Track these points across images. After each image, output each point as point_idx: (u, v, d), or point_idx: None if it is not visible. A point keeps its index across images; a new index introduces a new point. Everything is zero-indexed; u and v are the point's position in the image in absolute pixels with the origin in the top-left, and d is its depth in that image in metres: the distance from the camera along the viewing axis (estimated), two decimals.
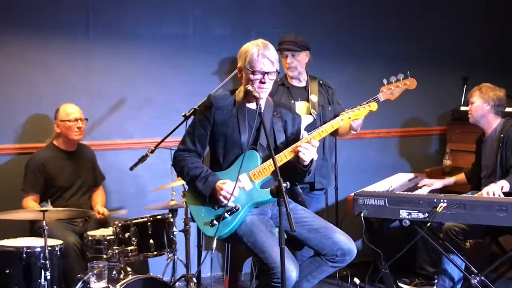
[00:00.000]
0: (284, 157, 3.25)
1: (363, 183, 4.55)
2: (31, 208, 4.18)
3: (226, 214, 3.21)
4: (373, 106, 3.54)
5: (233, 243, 3.62)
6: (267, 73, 3.23)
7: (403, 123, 5.64)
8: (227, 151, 3.32)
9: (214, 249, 3.14)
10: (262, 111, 3.21)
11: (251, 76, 3.24)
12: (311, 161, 3.25)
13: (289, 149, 3.26)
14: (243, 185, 3.26)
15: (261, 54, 3.22)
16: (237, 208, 3.22)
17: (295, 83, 4.45)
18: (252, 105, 3.33)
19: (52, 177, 4.33)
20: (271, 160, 3.12)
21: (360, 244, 4.62)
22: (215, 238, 3.19)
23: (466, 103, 4.79)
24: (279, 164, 3.17)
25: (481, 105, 4.30)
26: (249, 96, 3.26)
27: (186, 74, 4.98)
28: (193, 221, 3.36)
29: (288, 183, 2.90)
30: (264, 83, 3.24)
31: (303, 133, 3.37)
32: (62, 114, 4.37)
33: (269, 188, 2.92)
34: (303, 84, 4.45)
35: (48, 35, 4.64)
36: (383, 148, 5.58)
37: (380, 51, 5.45)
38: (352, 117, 3.48)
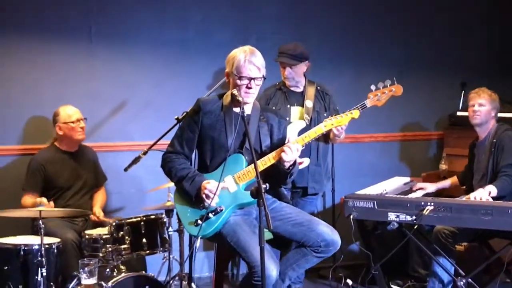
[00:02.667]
0: (268, 160, 3.34)
1: (361, 186, 4.54)
2: (28, 206, 4.29)
3: (210, 214, 3.31)
4: (355, 113, 3.60)
5: (218, 242, 3.71)
6: (253, 78, 3.33)
7: (402, 127, 5.67)
8: (214, 154, 3.41)
9: (197, 248, 3.24)
10: (246, 115, 3.31)
11: (238, 82, 3.34)
12: (294, 164, 3.33)
13: (273, 153, 3.35)
14: (227, 186, 3.35)
15: (248, 60, 3.32)
16: (221, 208, 3.32)
17: (292, 88, 4.51)
18: (238, 109, 3.40)
19: (51, 177, 4.44)
20: None
21: (357, 247, 4.67)
22: (199, 238, 3.29)
23: (464, 108, 4.82)
24: (262, 167, 3.29)
25: (489, 110, 4.34)
26: (235, 100, 3.36)
27: (186, 78, 5.09)
28: (179, 220, 3.46)
29: (267, 184, 3.00)
30: (250, 88, 3.34)
31: (289, 137, 3.45)
32: (64, 116, 4.47)
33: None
34: (300, 89, 4.51)
35: (51, 37, 4.79)
36: (382, 152, 5.62)
37: (379, 56, 5.51)
38: (335, 124, 3.56)
